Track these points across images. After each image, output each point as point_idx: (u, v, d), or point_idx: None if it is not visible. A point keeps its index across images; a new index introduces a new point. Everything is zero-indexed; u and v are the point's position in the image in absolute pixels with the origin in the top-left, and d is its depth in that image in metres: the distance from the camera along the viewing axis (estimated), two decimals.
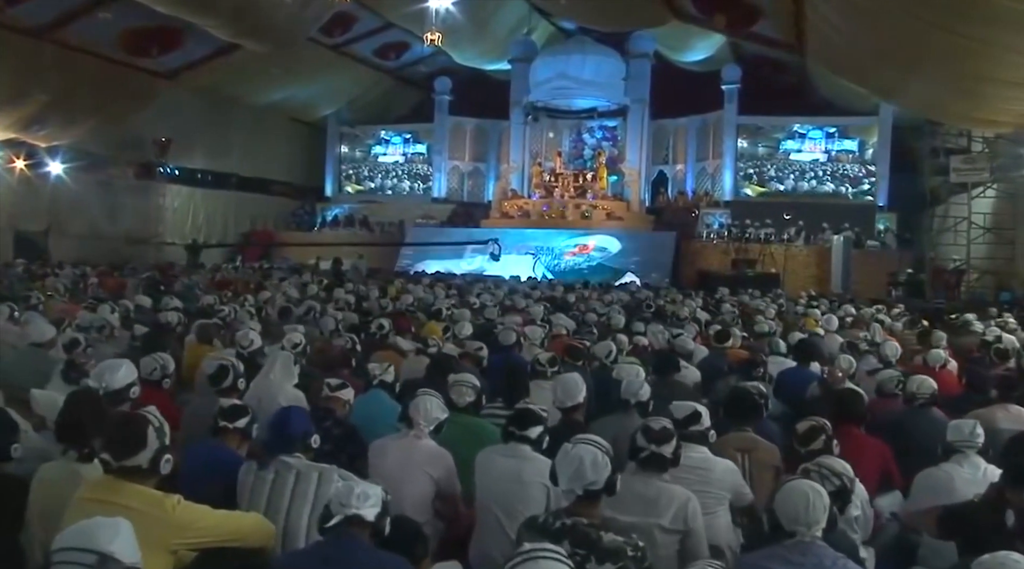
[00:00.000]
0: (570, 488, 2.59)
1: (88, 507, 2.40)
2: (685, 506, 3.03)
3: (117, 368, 3.80)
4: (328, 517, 2.37)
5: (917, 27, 10.20)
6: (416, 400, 3.63)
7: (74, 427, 2.96)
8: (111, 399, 3.66)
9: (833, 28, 12.16)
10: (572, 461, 2.59)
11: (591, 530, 2.47)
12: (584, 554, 2.40)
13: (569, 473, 2.59)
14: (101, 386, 3.69)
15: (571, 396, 4.01)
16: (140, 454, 2.48)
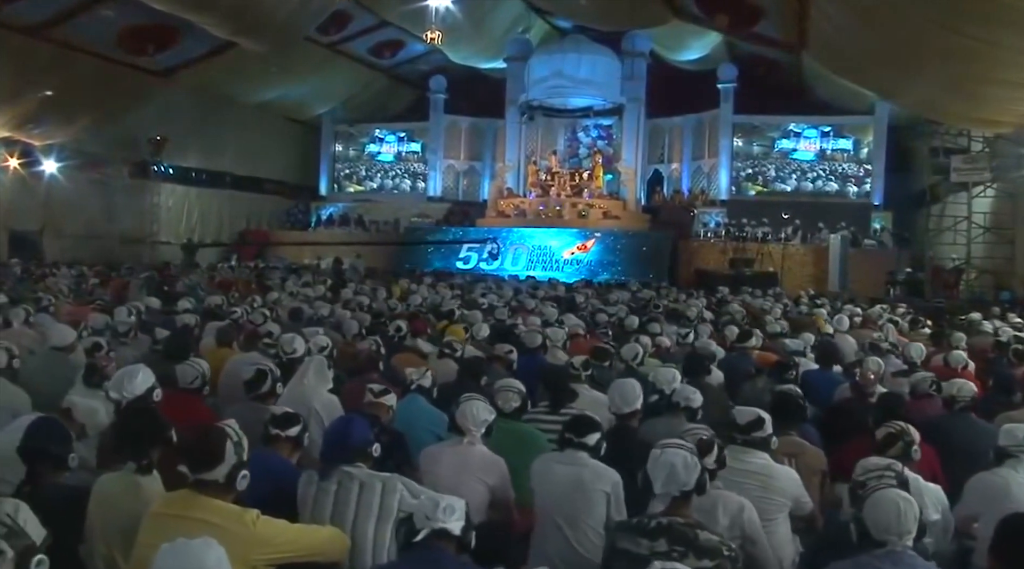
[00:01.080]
0: (665, 491, 2.64)
1: (167, 522, 2.35)
2: (740, 514, 3.03)
3: (135, 375, 3.75)
4: (413, 531, 2.33)
5: (921, 27, 10.27)
6: (463, 406, 3.59)
7: (132, 438, 2.90)
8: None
9: (836, 28, 12.21)
10: (664, 466, 2.67)
11: (687, 529, 2.53)
12: (682, 551, 2.47)
13: (663, 477, 2.66)
14: (122, 395, 3.63)
15: (628, 402, 3.98)
16: (217, 468, 2.44)
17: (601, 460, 3.38)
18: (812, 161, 23.40)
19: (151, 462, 2.86)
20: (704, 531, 2.55)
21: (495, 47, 24.80)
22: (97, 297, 9.95)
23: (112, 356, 5.63)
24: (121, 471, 2.88)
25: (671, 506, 2.65)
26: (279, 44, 17.85)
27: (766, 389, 5.52)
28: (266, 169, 26.59)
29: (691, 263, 20.80)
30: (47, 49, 16.65)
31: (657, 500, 2.66)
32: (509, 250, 21.73)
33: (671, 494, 2.65)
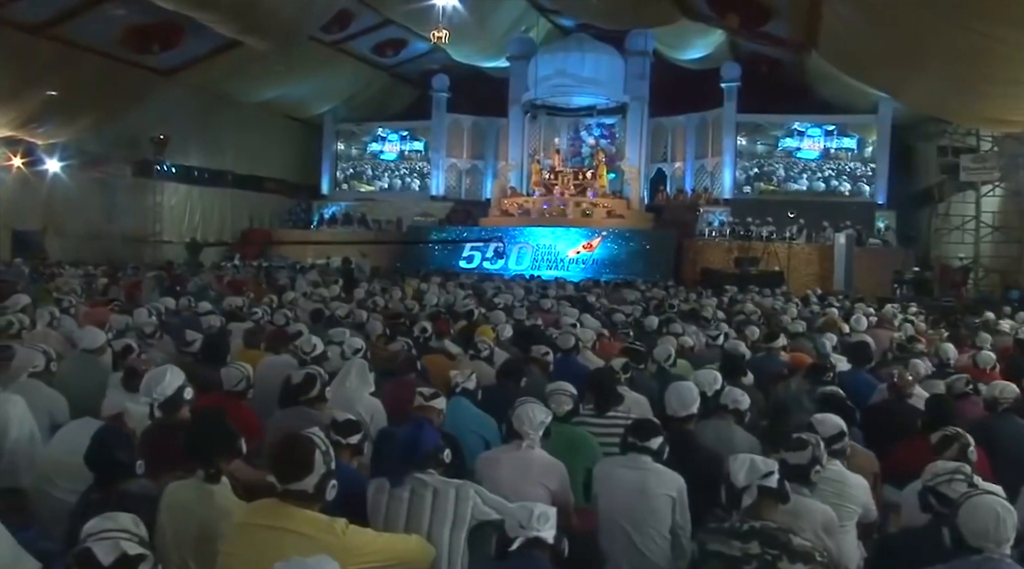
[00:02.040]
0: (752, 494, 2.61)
1: (258, 533, 2.32)
2: (828, 523, 3.02)
3: (163, 375, 3.71)
4: (507, 540, 2.30)
5: (934, 25, 10.26)
6: (519, 410, 3.56)
7: (202, 447, 2.87)
8: (167, 408, 3.57)
9: (848, 27, 12.21)
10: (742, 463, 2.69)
11: (779, 532, 2.52)
12: (776, 554, 2.45)
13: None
14: (154, 397, 3.60)
15: (685, 405, 3.95)
16: (307, 478, 2.40)
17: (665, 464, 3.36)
18: (816, 160, 23.44)
19: (220, 470, 2.82)
20: (796, 535, 2.53)
21: (497, 46, 24.76)
22: (109, 297, 9.87)
23: (145, 359, 5.59)
24: (190, 480, 2.84)
25: (756, 509, 2.64)
26: (284, 43, 17.77)
27: (803, 391, 5.54)
28: (267, 168, 26.50)
29: (696, 262, 20.80)
30: (50, 48, 16.53)
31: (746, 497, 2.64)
32: (514, 249, 21.70)
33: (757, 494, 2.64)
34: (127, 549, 1.94)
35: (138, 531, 2.00)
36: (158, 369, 3.89)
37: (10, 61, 16.04)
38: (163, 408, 3.58)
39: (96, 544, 1.95)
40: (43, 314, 6.77)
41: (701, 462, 3.70)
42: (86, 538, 1.99)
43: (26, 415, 3.93)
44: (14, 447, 3.77)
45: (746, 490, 2.67)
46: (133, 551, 1.94)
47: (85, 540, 1.98)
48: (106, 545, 1.94)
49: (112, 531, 1.97)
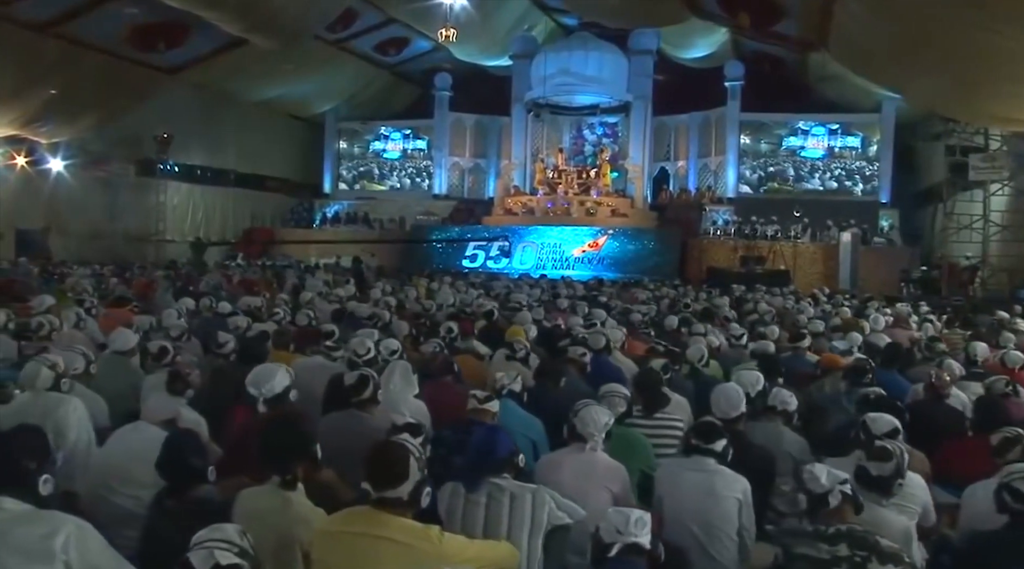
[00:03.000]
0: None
1: (353, 541, 2.31)
2: (907, 536, 3.01)
3: (273, 374, 3.69)
4: (604, 546, 2.29)
5: (949, 25, 10.28)
6: (582, 412, 3.54)
7: (277, 452, 2.83)
8: (270, 405, 3.56)
9: (860, 27, 12.23)
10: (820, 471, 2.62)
11: (867, 534, 2.51)
12: (865, 556, 2.43)
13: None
14: (261, 393, 3.58)
15: (734, 406, 3.94)
16: (402, 486, 2.38)
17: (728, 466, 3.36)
18: (820, 158, 23.49)
19: (296, 477, 2.80)
20: (884, 538, 2.53)
21: (500, 45, 24.75)
22: (124, 297, 9.80)
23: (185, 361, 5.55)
24: (265, 486, 2.82)
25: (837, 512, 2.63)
26: (290, 42, 17.72)
27: (841, 391, 5.54)
28: (269, 167, 26.44)
29: (701, 261, 20.81)
30: (55, 46, 16.45)
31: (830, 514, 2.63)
32: (519, 248, 21.68)
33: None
34: (220, 558, 1.97)
35: (241, 542, 2.02)
36: (269, 366, 3.90)
37: (15, 60, 15.97)
38: (268, 405, 3.57)
39: (194, 553, 1.99)
40: (69, 315, 6.72)
41: (754, 462, 3.70)
42: (193, 547, 1.98)
43: (85, 419, 3.91)
44: (72, 450, 3.74)
45: (830, 493, 2.67)
46: (226, 560, 1.97)
47: (192, 549, 1.98)
48: (202, 554, 1.98)
49: (215, 541, 1.98)
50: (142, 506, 3.43)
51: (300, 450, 2.85)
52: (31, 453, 2.30)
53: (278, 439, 2.87)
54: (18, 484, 2.25)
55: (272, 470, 2.81)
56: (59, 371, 4.07)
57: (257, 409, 3.72)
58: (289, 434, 2.89)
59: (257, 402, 3.68)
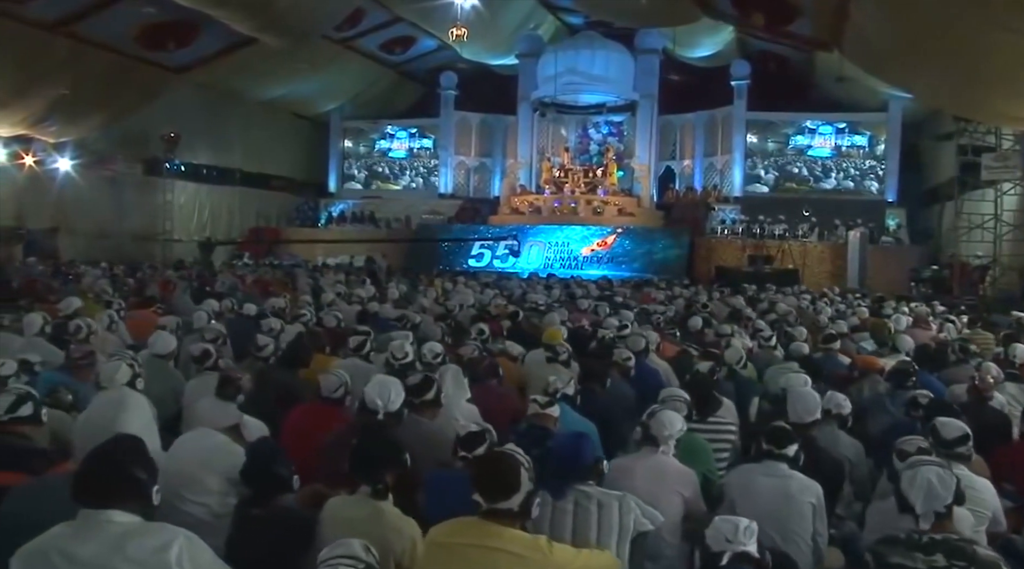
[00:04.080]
0: (927, 510, 2.59)
1: (465, 552, 2.31)
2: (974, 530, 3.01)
3: (390, 387, 3.67)
4: (712, 555, 2.29)
5: (969, 24, 10.26)
6: (658, 416, 3.55)
7: (369, 462, 2.84)
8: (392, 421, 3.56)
9: (877, 27, 12.23)
10: (922, 484, 2.62)
11: (964, 544, 2.49)
12: (963, 566, 2.42)
13: (922, 496, 2.61)
14: (385, 406, 3.57)
15: (809, 412, 3.95)
16: (514, 497, 2.38)
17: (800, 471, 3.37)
18: (828, 157, 23.52)
19: (387, 486, 2.79)
20: (980, 545, 2.52)
21: (506, 44, 24.73)
22: (150, 298, 9.77)
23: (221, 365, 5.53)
24: (355, 495, 2.82)
25: (936, 524, 2.62)
26: (300, 41, 17.68)
27: (884, 394, 5.55)
28: (274, 166, 26.38)
29: (709, 260, 20.83)
30: (65, 45, 16.37)
31: (922, 519, 2.62)
32: (526, 247, 21.66)
33: (932, 512, 2.61)
34: None
35: (367, 558, 2.02)
36: (385, 379, 3.88)
37: (24, 59, 15.89)
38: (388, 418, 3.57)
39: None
40: (102, 317, 6.69)
41: (825, 468, 3.71)
42: (321, 564, 1.98)
43: (152, 423, 3.90)
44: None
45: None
46: None
47: (320, 566, 1.98)
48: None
49: (343, 557, 1.97)
50: (211, 514, 3.42)
51: (392, 459, 2.86)
52: (142, 463, 2.27)
53: (370, 448, 2.87)
54: (130, 495, 2.21)
55: (363, 479, 2.80)
56: (136, 371, 4.06)
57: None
58: (381, 443, 2.89)
59: (376, 414, 3.65)
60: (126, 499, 2.21)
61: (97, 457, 2.31)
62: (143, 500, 2.24)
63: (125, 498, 2.21)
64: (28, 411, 3.42)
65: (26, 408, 3.42)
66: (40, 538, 2.21)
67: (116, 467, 2.24)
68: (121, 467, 2.23)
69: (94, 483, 2.21)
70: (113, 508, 2.19)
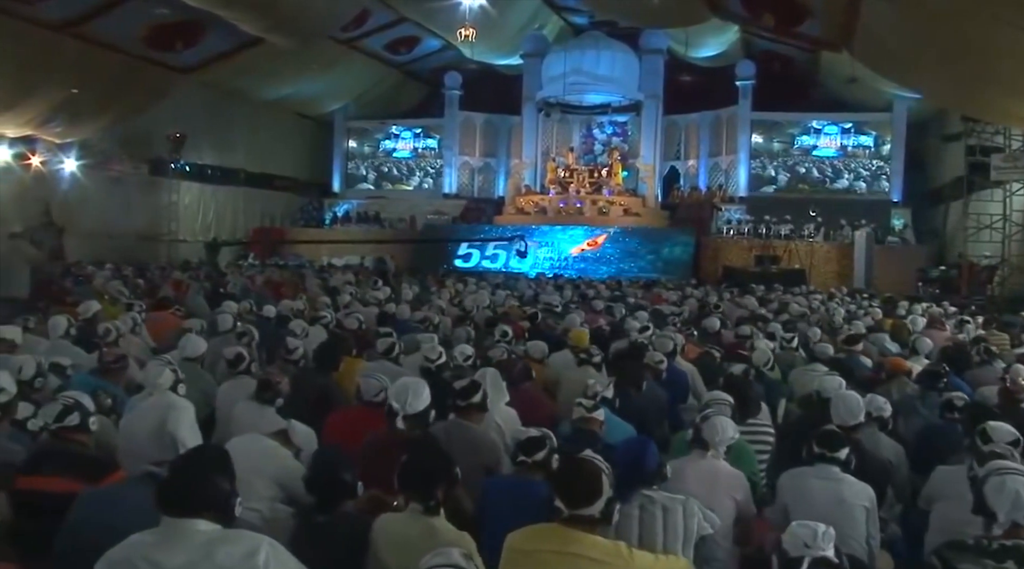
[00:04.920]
0: (1010, 520, 2.58)
1: (547, 559, 2.31)
2: None
3: (420, 390, 3.66)
4: (791, 561, 2.30)
5: (981, 23, 10.28)
6: (712, 421, 3.57)
7: (420, 477, 2.81)
8: (409, 422, 3.54)
9: (888, 27, 12.25)
10: (1009, 493, 2.60)
11: None
12: None
13: (1008, 505, 2.60)
14: (404, 408, 3.56)
15: (853, 415, 3.97)
16: (595, 503, 2.39)
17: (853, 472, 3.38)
18: (833, 157, 23.55)
19: (439, 502, 2.78)
20: None
21: (510, 44, 24.72)
22: (165, 299, 9.75)
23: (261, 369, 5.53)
24: (407, 512, 2.81)
25: (1011, 530, 2.63)
26: (307, 41, 17.68)
27: (914, 395, 5.57)
28: (278, 166, 26.33)
29: (715, 260, 20.86)
30: (73, 46, 16.33)
31: (997, 525, 2.63)
32: (532, 247, 21.65)
33: (1013, 521, 2.61)
34: None
35: (467, 566, 2.00)
36: (412, 381, 3.85)
37: (32, 59, 15.84)
38: (406, 422, 3.54)
39: None
40: (126, 320, 6.69)
41: (872, 471, 3.72)
42: None
43: (197, 428, 3.91)
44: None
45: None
46: None
47: None
48: None
49: (445, 566, 1.96)
50: (261, 519, 3.41)
51: (443, 474, 2.83)
52: (228, 474, 2.28)
53: (421, 464, 2.84)
54: (214, 506, 2.22)
55: (414, 496, 2.78)
56: (179, 376, 4.06)
57: (395, 424, 3.67)
58: (432, 458, 2.88)
59: (396, 417, 3.64)
60: (210, 509, 2.22)
61: (184, 466, 2.33)
62: (227, 511, 2.26)
63: (209, 508, 2.22)
64: (75, 421, 3.41)
65: (73, 418, 3.40)
66: (122, 547, 2.22)
67: (202, 477, 2.25)
68: (207, 477, 2.24)
69: (180, 492, 2.22)
70: (197, 517, 2.19)
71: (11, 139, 17.95)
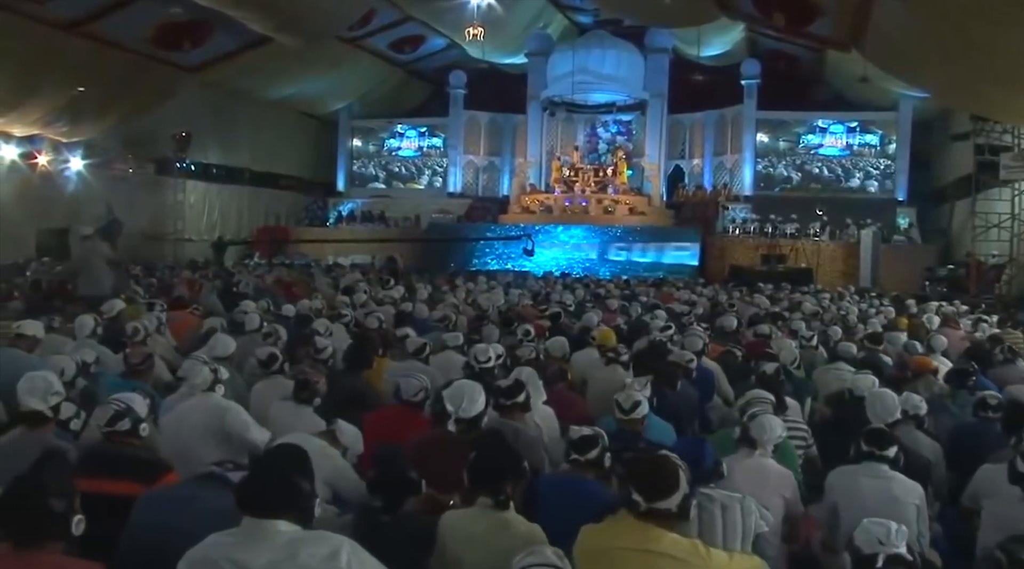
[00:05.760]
0: None
1: (626, 557, 2.32)
2: None
3: (476, 394, 3.66)
4: (866, 558, 2.32)
5: (995, 23, 10.30)
6: (760, 419, 3.59)
7: (490, 473, 2.83)
8: (460, 426, 3.54)
9: (901, 27, 12.27)
10: None
11: None
12: None
13: None
14: (457, 412, 3.56)
15: (889, 413, 3.99)
16: (673, 496, 2.40)
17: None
18: (839, 156, 23.57)
19: (509, 496, 2.79)
20: None
21: (515, 43, 24.71)
22: (181, 298, 9.75)
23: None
24: (475, 507, 2.82)
25: None
26: (315, 40, 17.66)
27: (944, 394, 5.59)
28: (282, 165, 26.32)
29: (722, 259, 20.88)
30: (80, 45, 16.30)
31: None
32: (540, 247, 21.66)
33: None
34: None
35: (563, 565, 2.00)
36: (469, 384, 3.84)
37: (39, 58, 15.81)
38: (458, 426, 3.54)
39: None
40: (152, 319, 6.69)
41: (916, 469, 3.74)
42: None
43: (257, 424, 3.93)
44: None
45: None
46: None
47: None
48: None
49: (538, 565, 1.97)
50: None
51: (513, 469, 2.84)
52: (308, 475, 2.28)
53: (492, 459, 2.86)
54: (295, 506, 2.22)
55: (485, 492, 2.80)
56: (220, 376, 4.07)
57: (447, 426, 3.68)
58: (502, 454, 2.89)
59: (448, 419, 3.65)
60: (291, 510, 2.22)
61: (266, 467, 2.33)
62: (307, 512, 2.25)
63: (290, 509, 2.21)
64: (127, 426, 3.41)
65: (124, 423, 3.40)
66: (202, 547, 2.22)
67: (285, 478, 2.24)
68: (290, 478, 2.24)
69: (262, 492, 2.21)
70: (278, 518, 2.19)
71: (18, 138, 17.96)
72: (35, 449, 3.30)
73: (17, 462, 3.25)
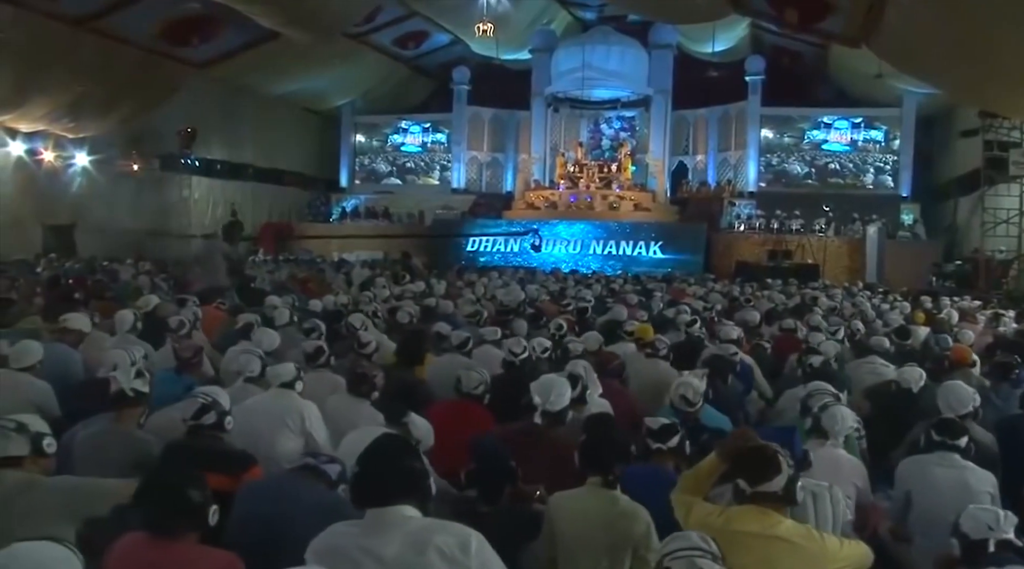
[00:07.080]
0: None
1: (747, 541, 2.36)
2: None
3: (563, 388, 3.70)
4: (975, 544, 2.36)
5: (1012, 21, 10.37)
6: (831, 410, 3.64)
7: (600, 454, 2.92)
8: (546, 419, 3.58)
9: (914, 24, 12.33)
10: None
11: None
12: None
13: None
14: (545, 405, 3.60)
15: (963, 404, 4.04)
16: (777, 478, 2.45)
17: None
18: (844, 151, 23.66)
19: (616, 476, 2.86)
20: None
21: (518, 39, 24.70)
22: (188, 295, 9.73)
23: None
24: (584, 487, 2.90)
25: None
26: (325, 36, 17.62)
27: (984, 386, 5.64)
28: (286, 161, 26.27)
29: (727, 255, 20.94)
30: (89, 41, 16.23)
31: None
32: (551, 241, 21.70)
33: None
34: (703, 567, 1.97)
35: (711, 548, 2.02)
36: (553, 378, 3.88)
37: (47, 54, 15.73)
38: (544, 418, 3.58)
39: (674, 562, 1.99)
40: (188, 313, 6.70)
41: (986, 460, 3.80)
42: (662, 559, 2.02)
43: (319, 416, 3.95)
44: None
45: None
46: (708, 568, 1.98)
47: (662, 560, 2.02)
48: (682, 564, 1.98)
49: (686, 549, 2.00)
50: None
51: (622, 451, 2.95)
52: (417, 456, 2.30)
53: (602, 441, 2.95)
54: (413, 490, 2.23)
55: (595, 471, 2.89)
56: (301, 374, 4.10)
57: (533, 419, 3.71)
58: (612, 436, 2.97)
59: (535, 412, 3.69)
60: (410, 494, 2.24)
61: (376, 456, 2.34)
62: (425, 493, 2.27)
63: (410, 494, 2.23)
64: (212, 419, 3.44)
65: (210, 416, 3.44)
66: (328, 536, 2.23)
67: (398, 463, 2.26)
68: (403, 462, 2.26)
69: (379, 482, 2.23)
70: (400, 504, 2.22)
71: (24, 134, 17.89)
72: (125, 440, 3.33)
73: (109, 453, 3.29)
